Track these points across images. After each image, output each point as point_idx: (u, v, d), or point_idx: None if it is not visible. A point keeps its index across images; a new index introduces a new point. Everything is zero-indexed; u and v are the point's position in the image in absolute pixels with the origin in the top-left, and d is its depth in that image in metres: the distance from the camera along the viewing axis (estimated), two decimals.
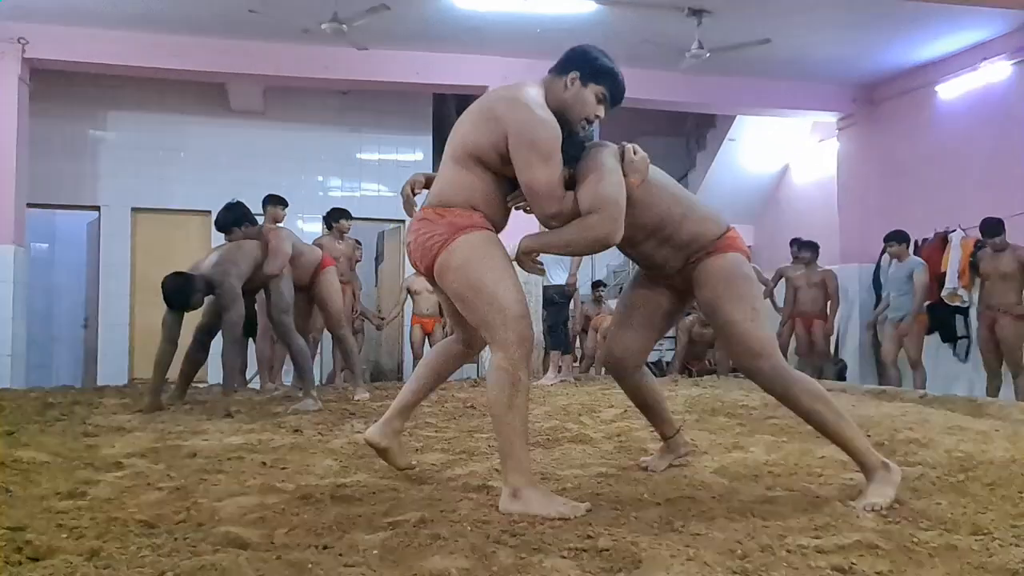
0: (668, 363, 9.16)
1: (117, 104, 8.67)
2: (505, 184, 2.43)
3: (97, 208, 8.68)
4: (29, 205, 7.34)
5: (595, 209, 2.31)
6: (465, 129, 2.43)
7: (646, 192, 2.47)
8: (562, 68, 2.47)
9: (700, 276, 2.54)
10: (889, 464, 2.46)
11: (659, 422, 2.93)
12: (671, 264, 2.59)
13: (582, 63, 2.46)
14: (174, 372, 5.09)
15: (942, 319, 7.28)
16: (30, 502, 2.39)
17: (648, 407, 2.90)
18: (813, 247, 7.96)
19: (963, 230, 7.18)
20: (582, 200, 2.34)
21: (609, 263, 12.00)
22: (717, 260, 2.53)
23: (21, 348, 7.04)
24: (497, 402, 2.29)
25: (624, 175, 2.42)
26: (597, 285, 9.24)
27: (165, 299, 4.70)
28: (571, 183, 2.40)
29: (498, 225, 2.48)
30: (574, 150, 2.43)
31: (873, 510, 2.28)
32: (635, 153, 2.48)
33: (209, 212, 8.46)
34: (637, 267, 2.80)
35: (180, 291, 4.65)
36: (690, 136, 11.82)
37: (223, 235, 5.25)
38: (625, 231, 2.39)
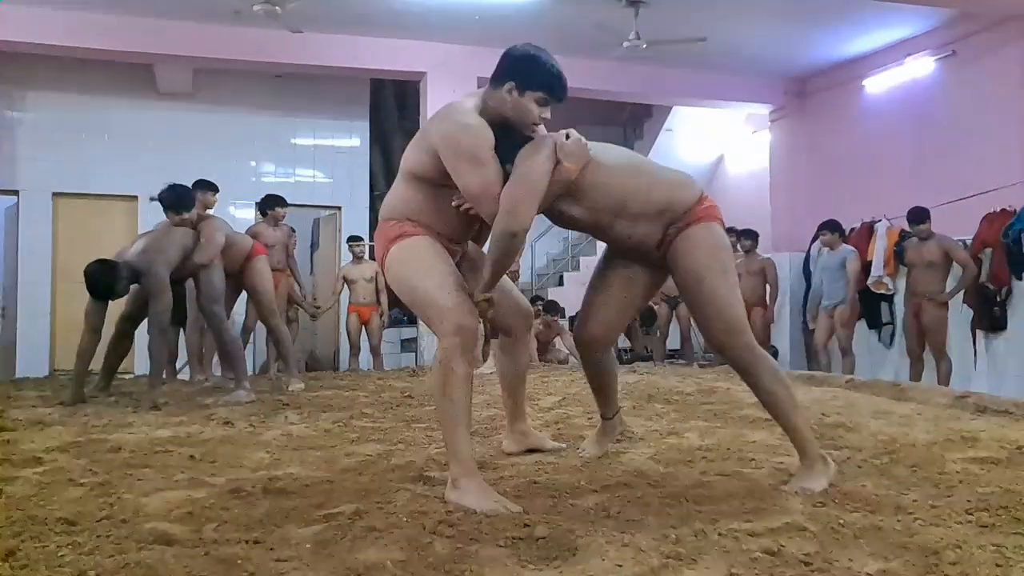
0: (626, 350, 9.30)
1: (37, 84, 8.27)
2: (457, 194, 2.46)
3: (15, 193, 8.28)
4: None
5: (499, 211, 2.30)
6: (407, 149, 2.56)
7: (595, 173, 2.45)
8: (498, 79, 2.45)
9: (683, 246, 2.46)
10: (828, 459, 2.52)
11: (605, 403, 2.95)
12: (651, 238, 2.50)
13: (515, 72, 2.44)
14: (97, 363, 4.91)
15: (868, 306, 7.55)
16: None
17: (602, 388, 2.91)
18: (753, 235, 8.14)
19: (888, 220, 7.45)
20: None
21: (549, 251, 12.07)
22: (700, 230, 2.47)
23: None
24: (435, 392, 2.35)
25: (561, 163, 2.40)
26: (535, 300, 9.08)
27: (88, 288, 4.52)
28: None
29: (455, 231, 2.54)
30: (513, 151, 2.41)
31: (804, 493, 2.34)
32: (567, 139, 2.47)
33: (135, 197, 8.20)
34: (605, 246, 2.75)
35: (104, 280, 4.47)
36: (628, 126, 11.95)
37: (168, 214, 5.02)
38: (588, 218, 2.44)
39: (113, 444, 3.21)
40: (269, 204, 7.01)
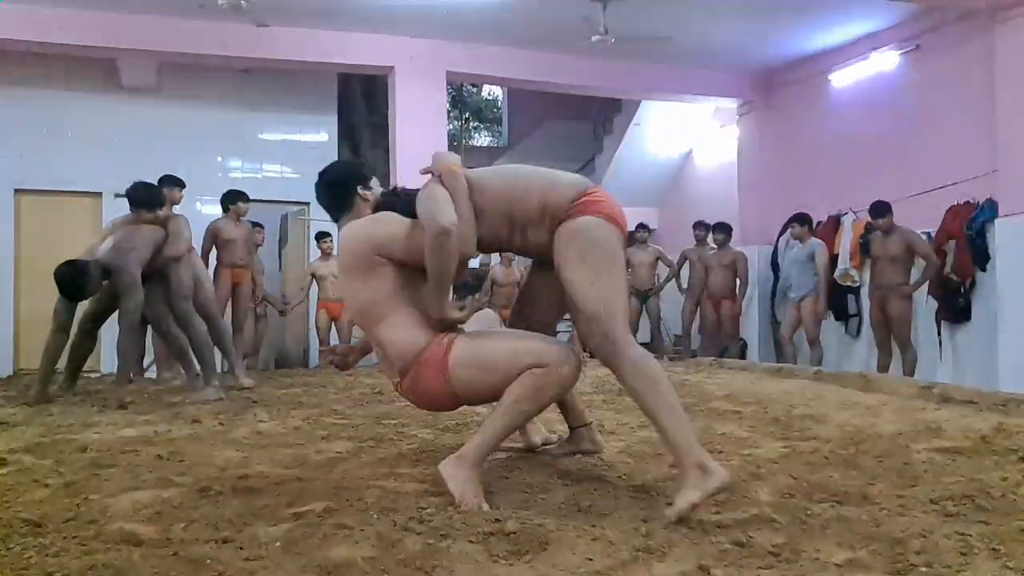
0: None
1: None
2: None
3: None
4: None
5: (427, 230, 2.33)
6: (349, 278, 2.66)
7: (482, 196, 2.50)
8: (347, 197, 2.68)
9: (555, 244, 2.48)
10: (708, 467, 2.15)
11: (567, 412, 2.87)
12: (546, 243, 2.51)
13: (352, 180, 2.71)
14: (62, 362, 4.84)
15: (835, 298, 7.66)
16: None
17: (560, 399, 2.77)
18: (727, 229, 8.21)
19: (854, 213, 7.56)
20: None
21: None
22: (568, 225, 2.47)
23: None
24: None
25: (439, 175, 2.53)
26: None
27: (60, 290, 4.45)
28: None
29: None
30: (408, 206, 2.49)
31: (675, 520, 2.06)
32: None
33: (99, 194, 8.06)
34: None
35: (74, 281, 4.41)
36: (597, 120, 12.01)
37: (136, 210, 4.94)
38: (495, 238, 2.53)
39: (79, 444, 3.16)
40: (231, 199, 6.91)
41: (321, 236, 7.98)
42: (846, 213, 7.67)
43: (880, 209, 6.45)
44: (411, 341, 2.40)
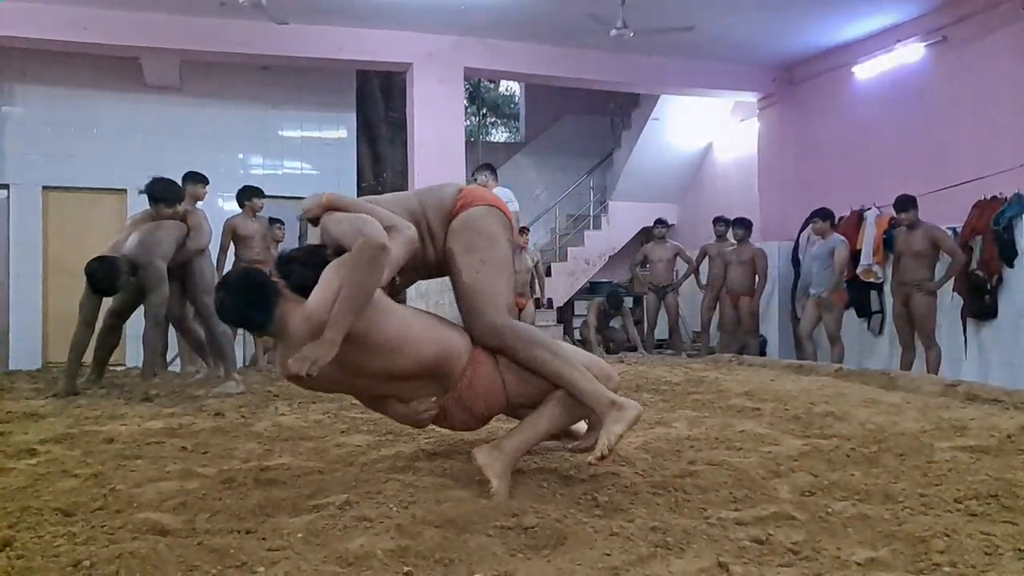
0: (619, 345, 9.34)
1: (25, 78, 8.20)
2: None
3: (6, 187, 8.24)
4: None
5: (357, 244, 2.27)
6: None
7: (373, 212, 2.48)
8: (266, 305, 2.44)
9: (447, 241, 2.56)
10: (618, 401, 2.33)
11: None
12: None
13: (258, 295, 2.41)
14: (89, 356, 4.92)
15: (857, 295, 7.59)
16: None
17: None
18: (746, 224, 8.16)
19: (878, 208, 7.47)
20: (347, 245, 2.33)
21: (537, 241, 12.05)
22: (458, 219, 2.55)
23: None
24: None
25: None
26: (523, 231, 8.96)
27: (91, 285, 4.53)
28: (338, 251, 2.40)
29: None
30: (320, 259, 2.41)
31: (600, 458, 2.24)
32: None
33: (124, 191, 8.14)
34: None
35: (106, 276, 4.49)
36: (615, 115, 11.94)
37: (156, 206, 5.00)
38: (410, 263, 2.49)
39: (106, 435, 3.21)
40: (246, 195, 6.97)
41: None
42: (869, 208, 7.59)
43: (904, 203, 6.37)
44: (460, 341, 2.42)
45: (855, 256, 7.46)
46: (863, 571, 1.72)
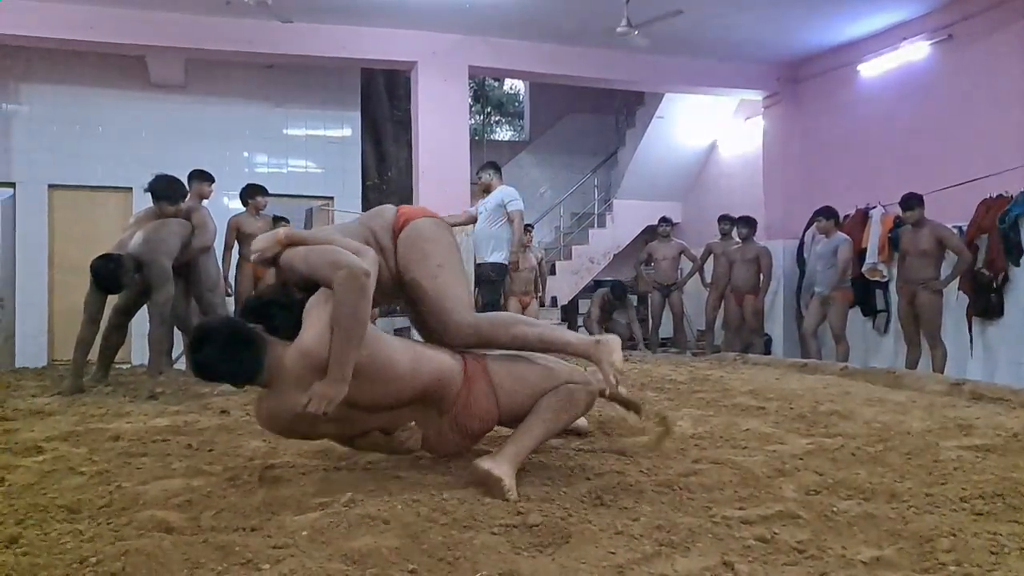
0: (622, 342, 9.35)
1: (31, 76, 8.23)
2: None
3: (12, 185, 8.26)
4: None
5: (336, 277, 2.26)
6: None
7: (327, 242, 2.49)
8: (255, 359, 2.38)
9: (398, 255, 2.60)
10: (601, 338, 2.59)
11: None
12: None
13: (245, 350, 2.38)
14: (94, 353, 4.93)
15: (862, 293, 7.57)
16: None
17: None
18: (751, 223, 8.15)
19: (883, 206, 7.46)
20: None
21: (541, 239, 12.05)
22: (403, 233, 2.61)
23: None
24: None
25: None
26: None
27: (96, 283, 4.54)
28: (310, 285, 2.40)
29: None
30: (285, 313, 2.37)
31: (616, 386, 2.54)
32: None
33: (130, 189, 8.16)
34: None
35: (111, 274, 4.50)
36: (619, 113, 11.94)
37: (159, 203, 5.02)
38: (378, 290, 2.46)
39: (112, 433, 3.22)
40: (250, 193, 6.98)
41: None
42: (875, 207, 7.57)
43: (910, 201, 6.35)
44: (451, 363, 2.45)
45: (860, 255, 7.44)
46: (868, 570, 1.72)
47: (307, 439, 2.26)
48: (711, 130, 10.68)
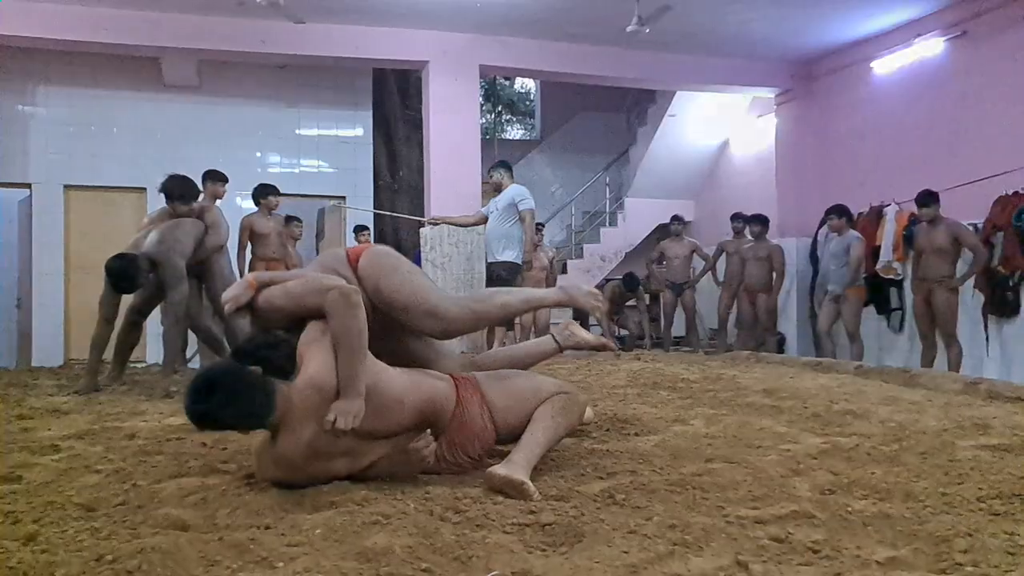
0: (627, 338, 9.31)
1: (47, 79, 8.31)
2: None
3: (28, 186, 8.35)
4: None
5: (327, 299, 2.33)
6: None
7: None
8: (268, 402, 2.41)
9: (364, 286, 2.61)
10: (564, 285, 2.97)
11: None
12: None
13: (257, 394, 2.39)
14: (110, 352, 4.97)
15: (877, 292, 7.52)
16: None
17: None
18: (763, 221, 8.11)
19: (898, 204, 7.41)
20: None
21: (552, 239, 12.05)
22: (362, 263, 2.67)
23: None
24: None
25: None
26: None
27: (111, 282, 4.57)
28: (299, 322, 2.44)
29: None
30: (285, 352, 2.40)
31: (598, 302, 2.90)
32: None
33: (144, 189, 8.23)
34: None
35: (126, 274, 4.53)
36: (631, 112, 11.91)
37: (172, 203, 5.06)
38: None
39: (127, 432, 3.25)
40: (262, 193, 7.02)
41: (359, 229, 8.06)
42: (889, 204, 7.52)
43: (926, 199, 6.31)
44: (444, 385, 2.48)
45: (874, 252, 7.39)
46: (884, 570, 1.71)
47: (315, 481, 2.23)
48: (723, 128, 10.64)
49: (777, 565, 1.73)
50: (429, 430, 2.40)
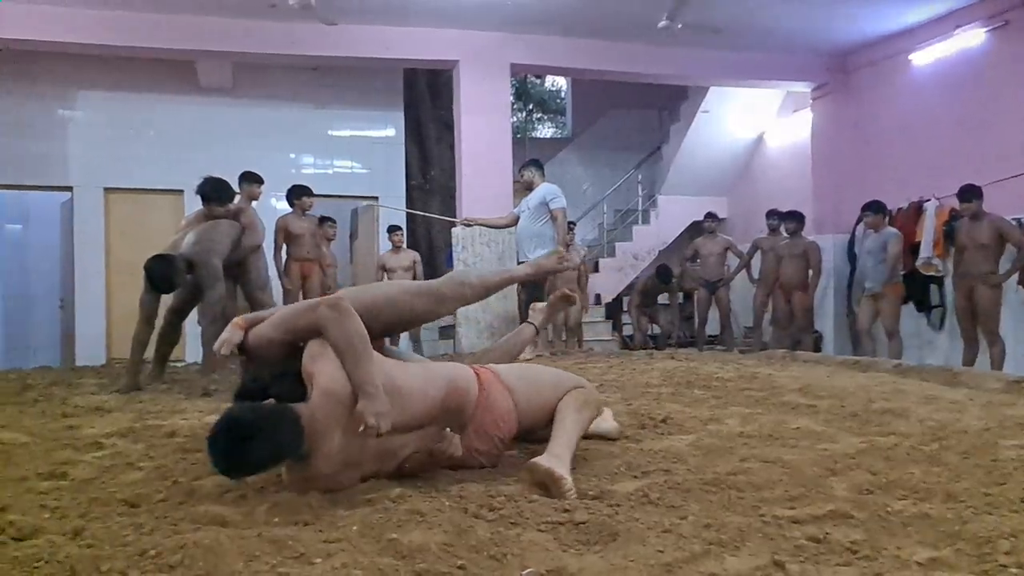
0: (660, 336, 9.26)
1: (87, 83, 8.51)
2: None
3: (69, 189, 8.55)
4: (1, 186, 7.20)
5: (318, 313, 2.31)
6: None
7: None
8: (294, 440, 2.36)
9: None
10: (530, 263, 3.23)
11: None
12: None
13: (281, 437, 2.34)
14: (150, 352, 5.07)
15: (917, 289, 7.38)
16: (11, 483, 2.39)
17: None
18: (799, 217, 8.01)
19: (938, 199, 7.26)
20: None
21: (584, 237, 12.02)
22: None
23: None
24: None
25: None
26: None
27: (150, 282, 4.66)
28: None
29: None
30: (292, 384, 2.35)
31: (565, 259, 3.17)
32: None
33: (181, 191, 8.38)
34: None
35: (165, 274, 4.62)
36: (663, 108, 11.83)
37: (208, 205, 5.15)
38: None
39: (168, 430, 3.31)
40: (296, 194, 7.11)
41: (392, 229, 8.12)
42: (929, 199, 7.37)
43: (968, 193, 6.17)
44: (464, 372, 2.51)
45: (914, 249, 7.25)
46: (924, 571, 1.68)
47: (352, 486, 2.25)
48: (758, 123, 10.52)
49: (815, 565, 1.71)
50: (449, 428, 2.41)
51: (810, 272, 7.94)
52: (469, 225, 7.08)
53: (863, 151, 8.52)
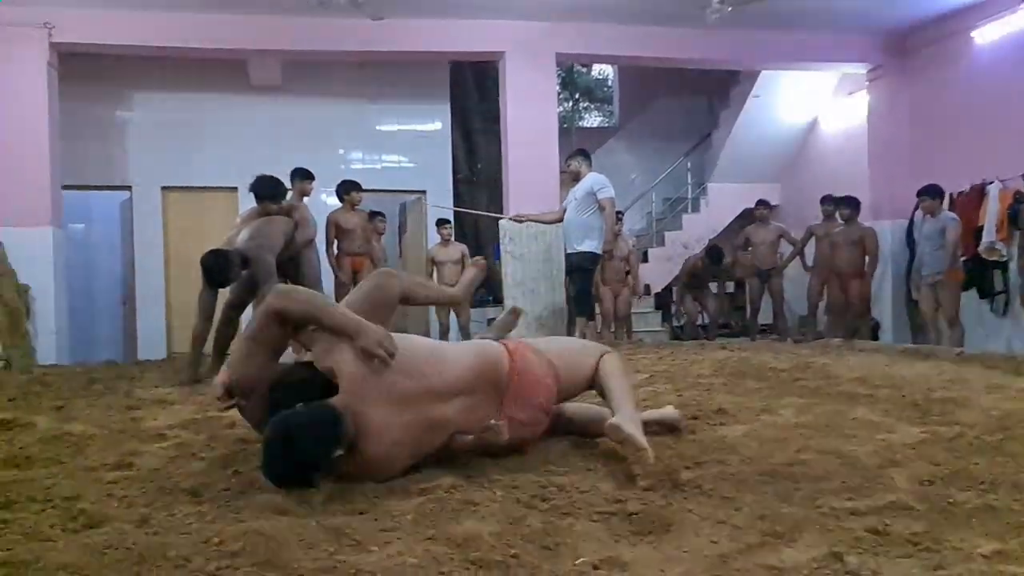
0: (704, 326, 9.13)
1: (142, 84, 8.75)
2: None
3: (128, 188, 8.82)
4: (64, 187, 7.47)
5: (266, 302, 2.38)
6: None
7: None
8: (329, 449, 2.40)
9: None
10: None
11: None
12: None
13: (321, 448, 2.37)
14: (209, 346, 5.20)
15: (979, 274, 7.15)
16: (81, 473, 2.48)
17: None
18: (854, 203, 7.79)
19: (1001, 182, 7.01)
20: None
21: (632, 227, 11.91)
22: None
23: (64, 325, 7.23)
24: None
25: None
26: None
27: (205, 277, 4.78)
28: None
29: None
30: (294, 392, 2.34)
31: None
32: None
33: (235, 189, 8.57)
34: None
35: (220, 268, 4.73)
36: (712, 94, 11.64)
37: (262, 202, 5.27)
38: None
39: (228, 421, 3.38)
40: (345, 189, 7.20)
41: (441, 223, 8.17)
42: (992, 182, 7.12)
43: None
44: (492, 345, 2.57)
45: (976, 233, 7.02)
46: (989, 563, 1.64)
47: (406, 469, 2.29)
48: (811, 107, 10.29)
49: (874, 557, 1.68)
50: (489, 406, 2.42)
51: (867, 259, 7.74)
52: (521, 221, 7.08)
53: (922, 134, 8.26)
